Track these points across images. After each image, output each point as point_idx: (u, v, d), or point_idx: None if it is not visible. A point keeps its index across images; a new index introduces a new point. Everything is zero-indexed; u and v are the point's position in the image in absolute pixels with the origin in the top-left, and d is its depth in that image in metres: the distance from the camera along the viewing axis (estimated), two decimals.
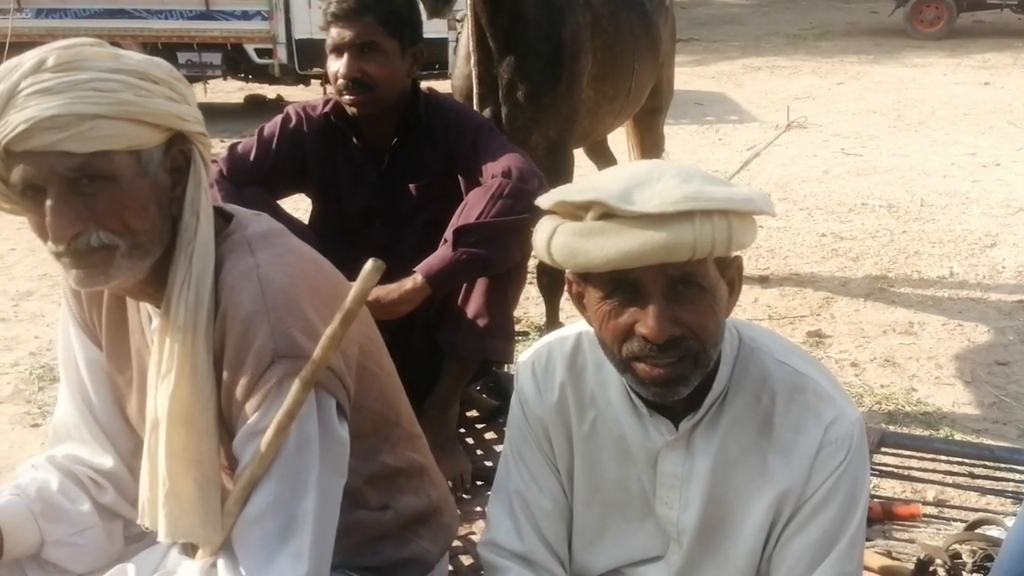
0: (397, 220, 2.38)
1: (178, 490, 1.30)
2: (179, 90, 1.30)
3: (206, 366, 1.29)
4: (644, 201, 1.15)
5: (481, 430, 2.52)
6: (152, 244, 1.30)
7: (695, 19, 15.27)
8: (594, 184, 1.22)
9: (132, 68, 1.25)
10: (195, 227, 1.32)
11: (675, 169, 1.21)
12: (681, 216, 1.14)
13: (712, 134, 8.29)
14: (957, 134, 7.92)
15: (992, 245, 5.16)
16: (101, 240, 1.25)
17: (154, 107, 1.25)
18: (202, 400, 1.29)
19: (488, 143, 2.28)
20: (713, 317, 1.24)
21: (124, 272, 1.28)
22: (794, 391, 1.32)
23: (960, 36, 13.49)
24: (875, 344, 3.95)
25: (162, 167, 1.30)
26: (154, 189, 1.29)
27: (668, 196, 1.14)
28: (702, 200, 1.14)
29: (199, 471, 1.29)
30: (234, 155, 2.34)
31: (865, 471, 1.34)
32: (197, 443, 1.29)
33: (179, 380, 1.28)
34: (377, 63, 2.24)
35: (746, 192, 1.21)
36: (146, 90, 1.25)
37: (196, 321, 1.29)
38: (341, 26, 2.25)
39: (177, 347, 1.28)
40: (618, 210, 1.15)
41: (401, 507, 1.55)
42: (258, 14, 8.99)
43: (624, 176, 1.21)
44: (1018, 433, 3.18)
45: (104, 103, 1.21)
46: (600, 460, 1.43)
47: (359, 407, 1.42)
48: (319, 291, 1.38)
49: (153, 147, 1.27)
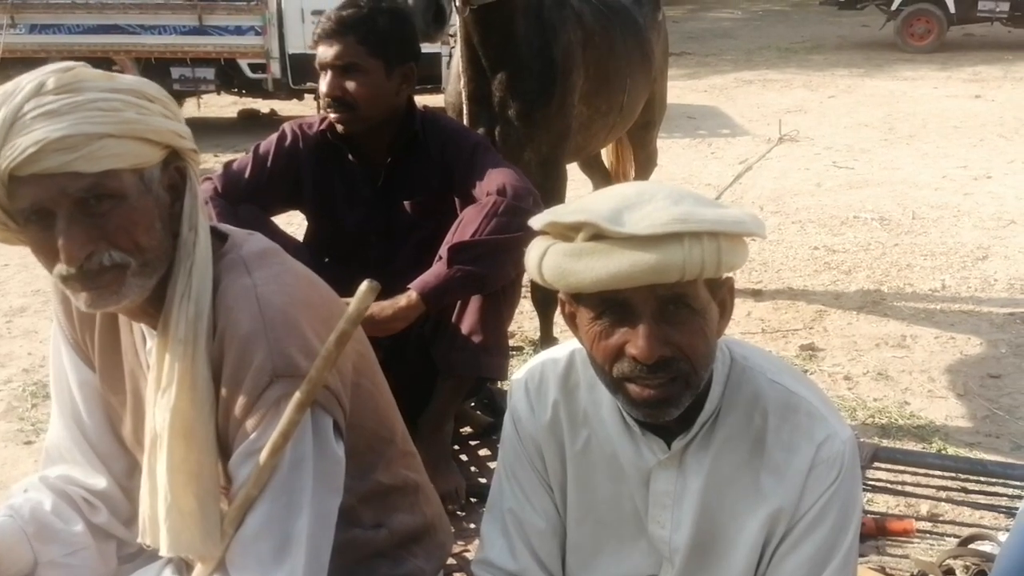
0: (392, 237, 2.39)
1: (179, 504, 1.30)
2: (172, 108, 1.33)
3: (206, 379, 1.30)
4: (634, 222, 1.16)
5: (475, 447, 2.52)
6: (159, 261, 1.31)
7: (687, 33, 15.34)
8: (585, 205, 1.23)
9: (129, 87, 1.27)
10: (194, 241, 1.33)
11: (666, 191, 1.22)
12: (671, 237, 1.15)
13: (704, 148, 8.32)
14: (948, 147, 7.96)
15: (984, 258, 5.18)
16: (113, 259, 1.26)
17: (155, 124, 1.27)
18: (203, 413, 1.30)
19: (483, 161, 2.29)
20: (703, 338, 1.24)
21: (135, 290, 1.29)
22: (786, 410, 1.33)
23: (950, 49, 13.57)
24: (868, 357, 3.96)
25: (161, 184, 1.31)
26: (157, 206, 1.30)
27: (658, 218, 1.15)
28: (692, 222, 1.15)
29: (199, 485, 1.30)
30: (229, 172, 2.35)
31: (857, 489, 1.35)
32: (197, 456, 1.30)
33: (179, 393, 1.29)
34: (358, 83, 2.26)
35: (736, 214, 1.21)
36: (145, 108, 1.27)
37: (196, 334, 1.30)
38: (325, 45, 2.28)
39: (178, 360, 1.29)
40: (608, 231, 1.16)
41: (395, 525, 1.55)
42: (252, 29, 9.00)
43: (615, 197, 1.21)
44: (1011, 446, 3.19)
45: (110, 122, 1.22)
46: (593, 479, 1.43)
47: (354, 425, 1.43)
48: (316, 311, 1.38)
49: (154, 165, 1.29)
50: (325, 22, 2.27)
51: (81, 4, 8.78)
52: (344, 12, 2.26)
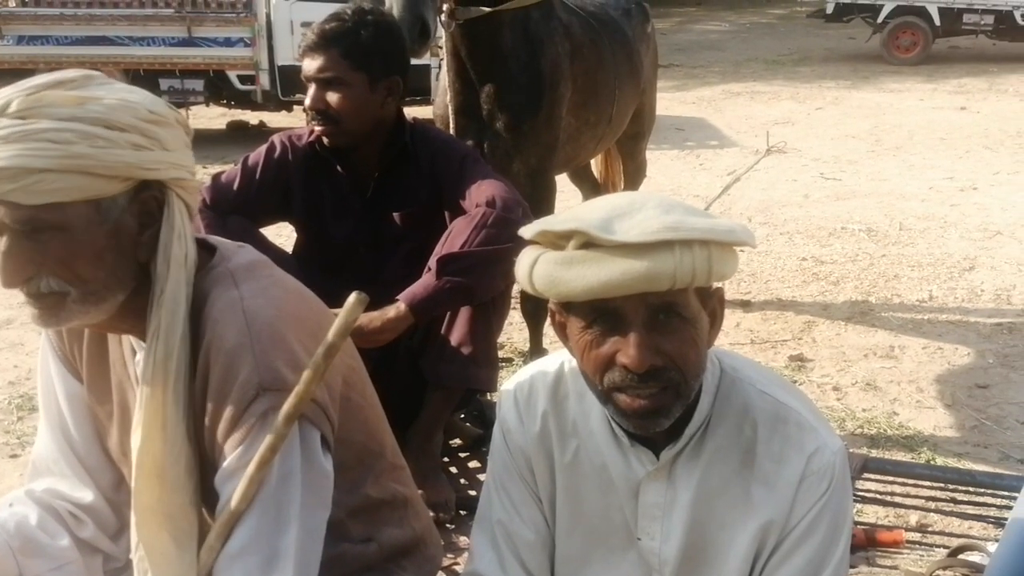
0: (381, 249, 2.38)
1: (151, 544, 1.29)
2: (153, 135, 1.25)
3: (176, 418, 1.28)
4: (625, 231, 1.16)
5: (465, 459, 2.52)
6: (108, 291, 1.28)
7: (675, 45, 15.42)
8: (576, 214, 1.23)
9: (94, 116, 1.21)
10: (165, 276, 1.29)
11: (657, 200, 1.22)
12: (661, 245, 1.15)
13: (693, 159, 8.35)
14: (934, 158, 8.02)
15: (970, 269, 5.21)
16: (51, 287, 1.23)
17: (110, 159, 1.21)
18: (173, 453, 1.28)
19: (473, 172, 2.29)
20: (694, 348, 1.24)
21: (78, 316, 1.27)
22: (776, 421, 1.32)
23: (936, 61, 13.69)
24: (856, 368, 3.97)
25: (128, 213, 1.27)
26: (114, 236, 1.26)
27: (649, 226, 1.15)
28: (683, 230, 1.15)
29: (173, 525, 1.29)
30: (218, 184, 2.34)
31: (848, 501, 1.34)
32: (171, 497, 1.28)
33: (149, 434, 1.27)
34: (341, 96, 2.26)
35: (727, 223, 1.21)
36: (105, 140, 1.21)
37: (166, 375, 1.27)
38: (309, 58, 2.28)
39: (146, 402, 1.27)
40: (599, 239, 1.16)
41: (385, 539, 1.54)
42: (241, 41, 9.00)
43: (606, 207, 1.21)
44: (999, 456, 3.20)
45: (54, 156, 1.17)
46: (582, 490, 1.42)
47: (343, 439, 1.42)
48: (304, 324, 1.37)
49: (116, 194, 1.24)
50: (309, 35, 2.28)
51: (69, 16, 8.76)
52: (328, 25, 2.26)
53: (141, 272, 1.31)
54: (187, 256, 1.32)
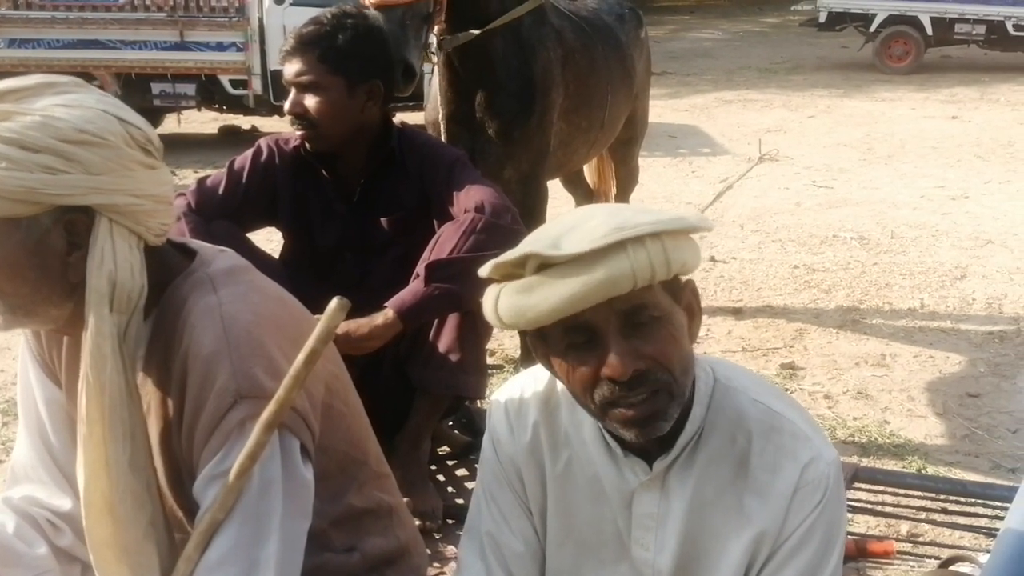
0: (368, 254, 2.36)
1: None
2: (73, 157, 1.19)
3: (118, 454, 1.24)
4: (574, 243, 1.15)
5: (452, 467, 2.50)
6: (36, 305, 1.25)
7: (668, 52, 15.44)
8: (526, 240, 1.23)
9: (8, 136, 1.16)
10: (89, 306, 1.23)
11: (606, 209, 1.22)
12: (613, 248, 1.14)
13: (685, 166, 8.34)
14: (926, 167, 8.02)
15: (962, 277, 5.20)
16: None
17: (10, 184, 1.16)
18: (119, 489, 1.25)
19: (462, 177, 2.27)
20: (675, 344, 1.22)
21: (12, 326, 1.26)
22: (770, 431, 1.31)
23: (928, 71, 13.73)
24: (848, 376, 3.96)
25: (54, 232, 1.22)
26: (37, 255, 1.22)
27: (596, 232, 1.14)
28: (629, 228, 1.14)
29: (130, 558, 1.26)
30: (203, 188, 2.32)
31: (842, 512, 1.33)
32: (124, 532, 1.26)
33: (94, 471, 1.25)
34: (317, 100, 2.24)
35: (674, 212, 1.22)
36: (11, 162, 1.16)
37: (101, 410, 1.23)
38: (288, 63, 2.28)
39: (85, 440, 1.24)
40: (552, 257, 1.15)
41: (368, 549, 1.52)
42: (233, 45, 8.97)
43: (556, 227, 1.21)
44: (991, 465, 3.18)
45: None
46: (574, 501, 1.40)
47: (325, 447, 1.40)
48: (284, 330, 1.35)
49: (37, 214, 1.20)
50: (288, 40, 2.26)
51: (61, 19, 8.72)
52: (305, 29, 2.25)
53: (81, 290, 1.25)
54: (116, 286, 1.24)
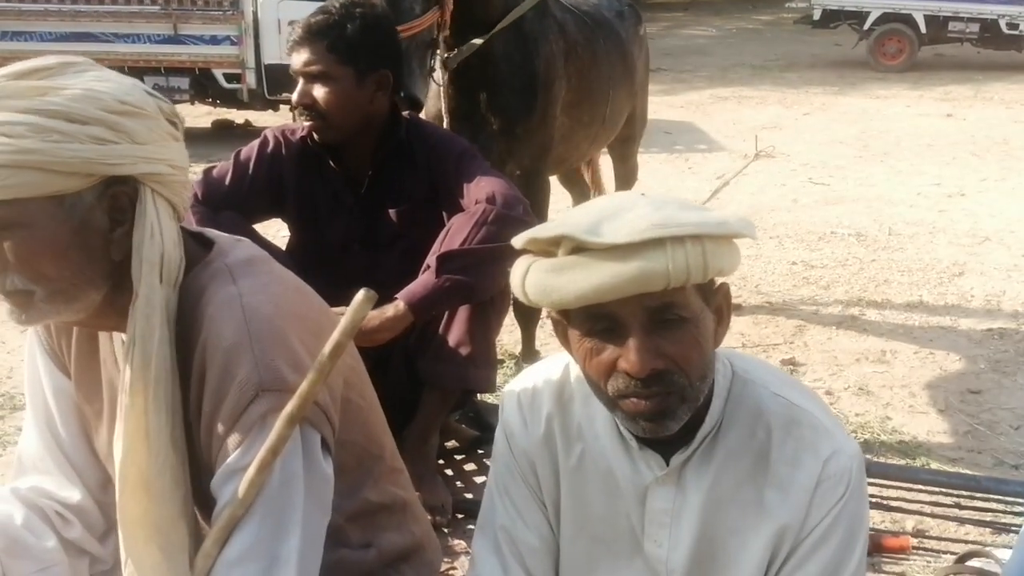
0: (375, 247, 2.34)
1: (140, 558, 1.24)
2: (120, 127, 1.18)
3: (159, 426, 1.22)
4: (613, 231, 1.11)
5: (461, 461, 2.48)
6: (77, 289, 1.22)
7: (663, 50, 15.42)
8: (565, 219, 1.19)
9: (53, 109, 1.15)
10: (139, 279, 1.22)
11: (648, 199, 1.18)
12: (652, 244, 1.10)
13: (682, 163, 8.34)
14: (922, 164, 8.04)
15: (960, 274, 5.21)
16: (16, 285, 1.19)
17: (66, 154, 1.14)
18: (158, 463, 1.22)
19: (471, 169, 2.25)
20: (698, 348, 1.20)
21: (49, 315, 1.22)
22: (790, 425, 1.28)
23: (922, 69, 13.76)
24: (848, 372, 3.95)
25: (97, 208, 1.20)
26: (80, 233, 1.20)
27: (637, 225, 1.11)
28: (672, 226, 1.11)
29: (162, 538, 1.23)
30: (209, 179, 2.29)
31: (864, 506, 1.31)
32: (158, 509, 1.23)
33: (132, 444, 1.22)
34: (327, 90, 2.21)
35: (720, 215, 1.17)
36: (62, 134, 1.14)
37: (145, 382, 1.22)
38: (296, 52, 2.24)
39: (127, 410, 1.22)
40: (588, 243, 1.11)
41: (384, 545, 1.50)
42: (227, 39, 8.93)
43: (595, 209, 1.17)
44: (994, 462, 3.17)
45: (5, 151, 1.12)
46: (587, 495, 1.38)
47: (343, 441, 1.37)
48: (305, 322, 1.33)
49: (82, 190, 1.18)
50: (296, 29, 2.23)
51: (54, 11, 8.67)
52: (314, 19, 2.22)
53: (119, 270, 1.24)
54: (164, 257, 1.24)
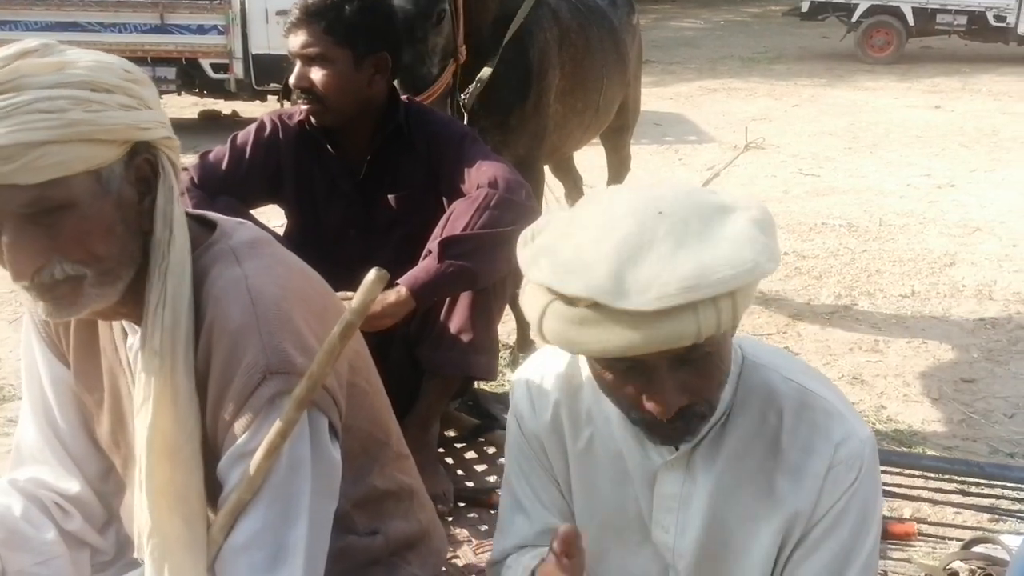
0: (373, 232, 2.31)
1: (164, 529, 1.21)
2: (136, 94, 1.18)
3: (188, 392, 1.20)
4: (639, 291, 1.03)
5: (461, 450, 2.46)
6: (122, 267, 1.20)
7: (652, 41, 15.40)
8: (581, 258, 1.08)
9: (80, 80, 1.13)
10: (168, 241, 1.22)
11: (667, 227, 1.07)
12: (682, 307, 1.04)
13: (672, 154, 8.34)
14: (911, 156, 8.06)
15: (951, 264, 5.22)
16: (66, 272, 1.15)
17: (108, 122, 1.14)
18: (186, 430, 1.20)
19: (472, 153, 2.21)
20: (721, 369, 1.17)
21: (95, 300, 1.19)
22: (802, 409, 1.26)
23: (909, 61, 13.81)
24: (842, 362, 3.96)
25: (126, 181, 1.19)
26: (119, 207, 1.18)
27: (665, 288, 1.03)
28: (704, 287, 1.03)
29: (186, 507, 1.21)
30: (205, 163, 2.25)
31: (877, 491, 1.29)
32: (184, 477, 1.20)
33: (159, 409, 1.19)
34: (324, 73, 2.17)
35: (750, 257, 1.05)
36: (98, 103, 1.13)
37: (174, 343, 1.20)
38: (293, 35, 2.19)
39: (154, 374, 1.19)
40: (612, 307, 1.05)
41: (391, 532, 1.48)
42: (214, 28, 8.85)
43: (610, 246, 1.07)
44: (989, 450, 3.18)
45: (53, 126, 1.09)
46: (596, 480, 1.37)
47: (349, 427, 1.35)
48: (310, 304, 1.30)
49: (113, 162, 1.16)
50: (293, 10, 2.19)
51: (40, 0, 8.57)
52: (311, 0, 2.18)
53: (147, 245, 1.23)
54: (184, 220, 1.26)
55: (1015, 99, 10.87)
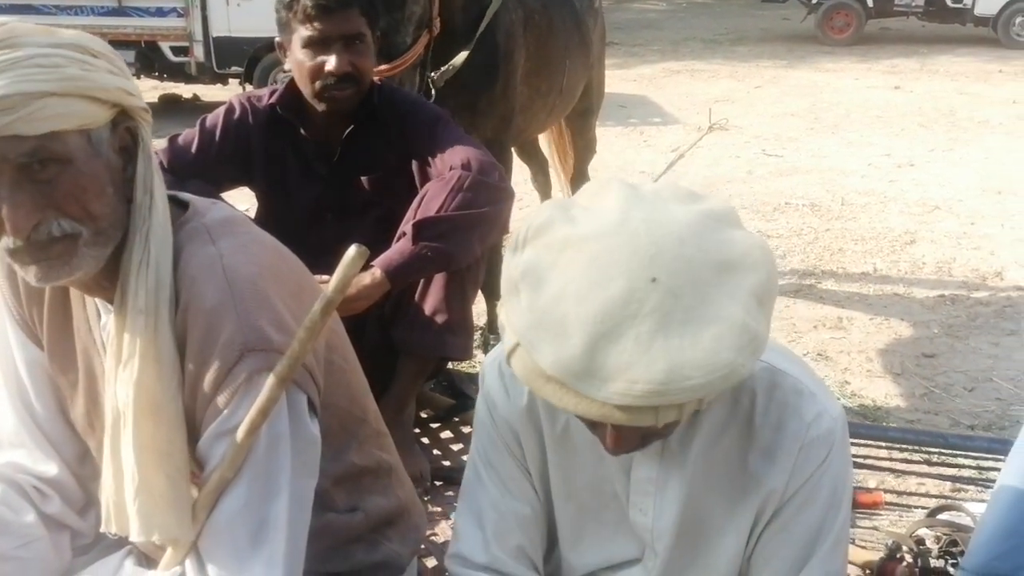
0: (349, 215, 2.30)
1: (150, 485, 1.21)
2: (118, 64, 1.23)
3: (171, 352, 1.22)
4: (604, 378, 1.01)
5: (437, 429, 2.47)
6: (113, 229, 1.22)
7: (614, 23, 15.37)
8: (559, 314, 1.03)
9: (72, 42, 1.17)
10: (149, 206, 1.24)
11: (655, 302, 1.00)
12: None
13: (637, 136, 8.38)
14: (872, 136, 8.17)
15: (911, 242, 5.32)
16: (63, 229, 1.17)
17: (102, 81, 1.18)
18: (169, 388, 1.21)
19: (445, 134, 2.21)
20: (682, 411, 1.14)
21: (88, 262, 1.20)
22: (773, 388, 1.27)
23: (869, 42, 13.98)
24: (807, 339, 4.02)
25: (111, 147, 1.22)
26: (108, 170, 1.21)
27: (631, 387, 1.00)
28: (670, 394, 1.00)
29: (170, 464, 1.21)
30: (175, 146, 2.23)
31: (848, 467, 1.31)
32: (167, 433, 1.21)
33: (143, 367, 1.20)
34: (363, 55, 2.17)
35: (728, 357, 1.00)
36: (90, 64, 1.17)
37: (158, 303, 1.21)
38: (326, 20, 2.11)
39: (139, 332, 1.20)
40: (579, 391, 1.02)
41: (371, 508, 1.49)
42: (173, 11, 8.74)
43: (593, 310, 1.01)
44: (950, 423, 3.26)
45: (52, 79, 1.13)
46: (574, 463, 1.37)
47: (327, 404, 1.36)
48: (285, 282, 1.31)
49: (101, 126, 1.20)
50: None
51: None
52: None
53: (126, 214, 1.25)
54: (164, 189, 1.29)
55: (972, 79, 11.05)
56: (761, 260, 1.07)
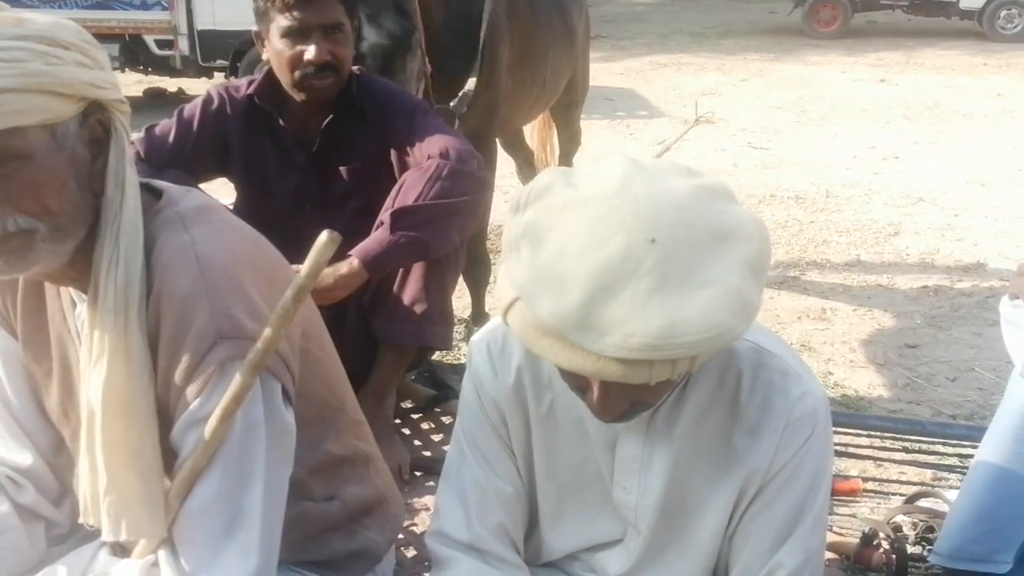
0: (328, 205, 2.29)
1: (120, 485, 1.20)
2: (92, 55, 1.19)
3: (141, 349, 1.20)
4: (601, 332, 1.03)
5: (417, 420, 2.47)
6: (74, 225, 1.20)
7: (601, 17, 15.42)
8: (559, 269, 1.05)
9: (38, 34, 1.14)
10: (120, 201, 1.21)
11: (653, 261, 1.02)
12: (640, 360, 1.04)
13: (623, 129, 8.38)
14: (857, 128, 8.20)
15: (895, 234, 5.34)
16: (19, 225, 1.14)
17: (66, 76, 1.14)
18: (140, 386, 1.20)
19: (424, 124, 2.21)
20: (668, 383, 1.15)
21: (45, 257, 1.18)
22: (759, 368, 1.28)
23: (855, 36, 14.01)
24: (791, 330, 4.03)
25: (79, 140, 1.19)
26: (72, 165, 1.18)
27: (627, 340, 1.02)
28: (665, 349, 1.02)
29: (142, 463, 1.20)
30: (152, 137, 2.22)
31: (830, 447, 1.32)
32: (138, 433, 1.20)
33: (113, 366, 1.18)
34: (343, 44, 2.17)
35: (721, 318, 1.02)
36: (56, 57, 1.14)
37: (127, 301, 1.19)
38: (306, 9, 2.11)
39: (108, 331, 1.18)
40: (575, 343, 1.04)
41: (348, 497, 1.48)
42: (158, 4, 8.69)
43: (591, 266, 1.03)
44: (932, 412, 3.27)
45: (11, 75, 1.09)
46: (558, 443, 1.38)
47: (303, 393, 1.35)
48: (259, 270, 1.30)
49: (68, 119, 1.17)
50: None
51: None
52: None
53: (96, 207, 1.22)
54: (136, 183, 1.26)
55: (957, 73, 11.09)
56: (756, 232, 1.10)
